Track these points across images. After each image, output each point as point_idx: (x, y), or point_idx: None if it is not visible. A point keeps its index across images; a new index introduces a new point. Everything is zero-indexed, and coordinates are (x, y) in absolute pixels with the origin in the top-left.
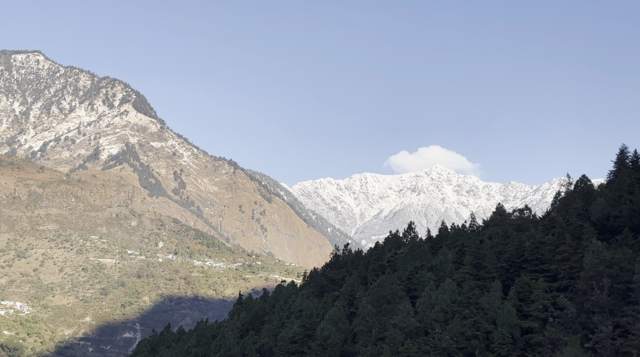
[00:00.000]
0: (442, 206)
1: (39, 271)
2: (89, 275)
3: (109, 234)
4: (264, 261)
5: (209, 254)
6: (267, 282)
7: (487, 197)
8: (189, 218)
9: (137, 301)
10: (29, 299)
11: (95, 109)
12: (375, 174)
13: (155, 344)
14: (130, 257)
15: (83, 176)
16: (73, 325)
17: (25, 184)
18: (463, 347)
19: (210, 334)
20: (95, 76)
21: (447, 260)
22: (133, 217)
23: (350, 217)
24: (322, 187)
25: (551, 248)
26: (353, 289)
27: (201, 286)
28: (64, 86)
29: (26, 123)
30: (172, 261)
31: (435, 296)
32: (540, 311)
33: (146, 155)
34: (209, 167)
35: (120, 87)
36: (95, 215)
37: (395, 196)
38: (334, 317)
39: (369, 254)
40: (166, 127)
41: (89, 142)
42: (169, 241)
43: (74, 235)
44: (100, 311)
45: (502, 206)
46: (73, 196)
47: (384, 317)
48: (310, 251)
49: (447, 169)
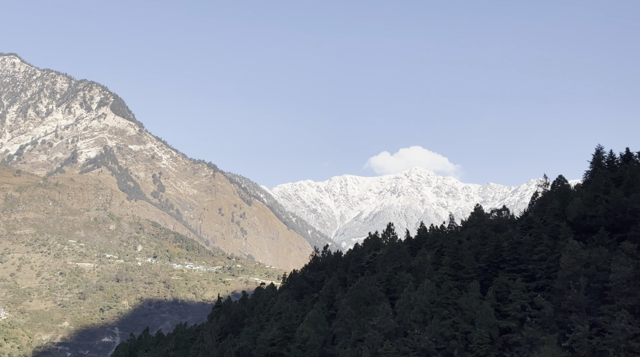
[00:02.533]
0: (422, 207)
1: (16, 275)
2: (67, 279)
3: (87, 238)
4: (244, 264)
5: (188, 258)
6: (247, 285)
7: (466, 199)
8: (168, 221)
9: (116, 305)
10: (5, 304)
11: (73, 112)
12: (355, 176)
13: (134, 348)
14: (109, 261)
15: (60, 180)
16: (51, 330)
17: (2, 188)
18: (442, 348)
19: (189, 338)
20: (72, 79)
21: (426, 261)
22: (111, 220)
23: (331, 219)
24: (302, 189)
25: (529, 248)
26: (332, 291)
27: (181, 289)
28: (40, 89)
29: (2, 126)
30: (151, 265)
31: (414, 296)
32: (518, 311)
33: (125, 159)
34: (188, 170)
35: (98, 90)
36: (73, 219)
37: (375, 197)
38: (313, 319)
39: (348, 256)
40: (145, 130)
41: (66, 146)
42: (148, 245)
43: (51, 239)
44: (79, 316)
45: (481, 207)
46: (50, 200)
47: (363, 319)
48: (290, 254)
49: (426, 171)
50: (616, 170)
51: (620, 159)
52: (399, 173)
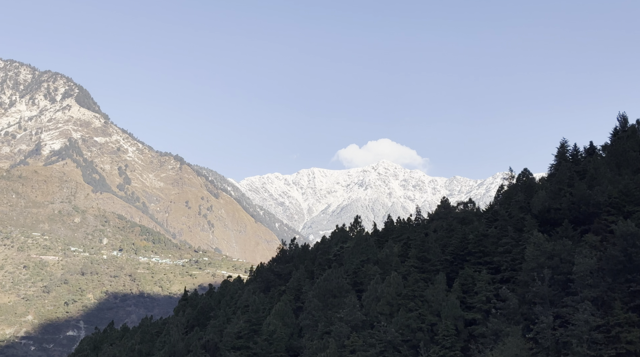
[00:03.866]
0: (389, 200)
1: None
2: (31, 272)
3: (52, 230)
4: (211, 257)
5: (154, 251)
6: (215, 278)
7: (433, 192)
8: (134, 214)
9: (81, 298)
10: None
11: (37, 104)
12: (323, 169)
13: (99, 341)
14: (74, 254)
15: (24, 172)
16: (14, 324)
17: None
18: (408, 340)
19: (155, 331)
20: (36, 70)
21: (392, 253)
22: (76, 213)
23: (298, 212)
24: (269, 182)
25: (494, 240)
26: (299, 284)
27: (147, 282)
28: (3, 80)
29: None
30: (117, 258)
31: (381, 289)
32: (483, 303)
33: (90, 151)
34: (155, 163)
35: (62, 81)
36: (37, 211)
37: (343, 190)
38: (280, 312)
39: (315, 249)
40: (110, 122)
41: (30, 138)
42: (114, 238)
43: (14, 232)
44: (43, 309)
45: (447, 200)
46: (14, 192)
47: (330, 311)
48: (257, 247)
49: (394, 164)
50: (580, 164)
51: (584, 153)
52: (367, 166)
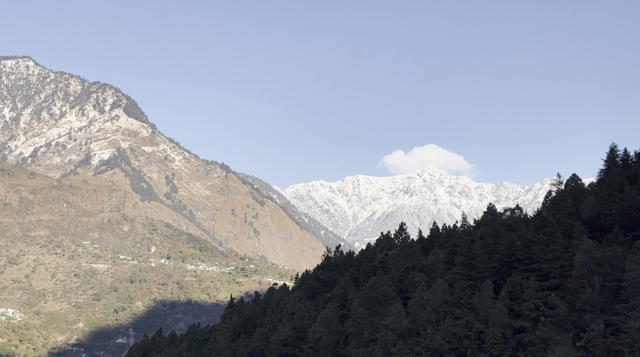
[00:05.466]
0: (435, 207)
1: (31, 277)
2: (82, 281)
3: (101, 239)
4: (257, 265)
5: (201, 258)
6: (261, 286)
7: (480, 198)
8: (182, 222)
9: (130, 306)
10: (21, 306)
11: (86, 114)
12: (367, 176)
13: (147, 349)
14: (123, 262)
15: (74, 182)
16: (66, 331)
17: (16, 190)
18: (455, 348)
19: (202, 338)
20: (85, 81)
21: (438, 260)
22: (125, 222)
23: (343, 219)
24: (314, 189)
25: (542, 247)
26: (345, 291)
27: (194, 290)
28: (54, 91)
29: (16, 129)
30: (164, 266)
31: (427, 296)
32: (531, 310)
33: (138, 160)
34: (201, 171)
35: (110, 91)
36: (87, 220)
37: (388, 197)
38: (325, 320)
39: (360, 256)
40: (157, 131)
41: (80, 148)
42: (162, 246)
43: (65, 241)
44: (93, 317)
45: (494, 206)
46: (64, 202)
47: (376, 319)
48: (303, 254)
49: (439, 171)
50: (630, 169)
51: (634, 157)
52: (412, 173)
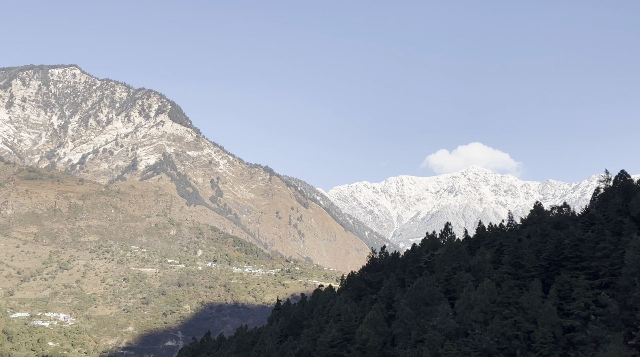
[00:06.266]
0: (480, 206)
1: (81, 282)
2: (130, 285)
3: (149, 243)
4: (302, 267)
5: (247, 261)
6: (306, 288)
7: (526, 196)
8: (227, 226)
9: (179, 309)
10: (72, 310)
11: (132, 121)
12: (411, 176)
13: (196, 351)
14: (170, 266)
15: (122, 187)
16: (116, 335)
17: (66, 197)
18: (504, 348)
19: (250, 340)
20: (130, 88)
21: (485, 260)
22: (172, 226)
23: (388, 220)
24: (358, 191)
25: (591, 245)
26: (391, 292)
27: (241, 292)
28: (100, 99)
29: (65, 136)
30: (211, 269)
31: (474, 296)
32: (581, 309)
33: (183, 165)
34: (245, 175)
35: (155, 97)
36: (135, 225)
37: (432, 197)
38: (372, 321)
39: (406, 256)
40: (202, 136)
41: (126, 153)
42: (208, 249)
43: (114, 245)
44: (143, 320)
45: (541, 204)
46: (112, 207)
47: (423, 319)
48: (348, 255)
49: (484, 169)
50: None
51: None
52: (456, 172)
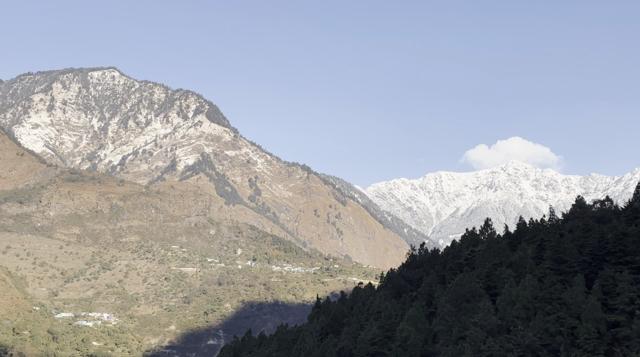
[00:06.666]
0: (520, 201)
1: (124, 282)
2: (172, 284)
3: (189, 243)
4: (341, 264)
5: (286, 259)
6: (346, 285)
7: (567, 191)
8: (266, 224)
9: (219, 308)
10: (115, 310)
11: (171, 121)
12: (449, 172)
13: (237, 350)
14: (211, 265)
15: (161, 187)
16: (159, 334)
17: (107, 198)
18: (547, 344)
19: (291, 338)
20: (169, 89)
21: (526, 256)
22: (211, 225)
23: (427, 216)
24: (396, 187)
25: (635, 239)
26: (431, 289)
27: (280, 291)
28: (139, 100)
29: (105, 138)
30: (251, 268)
31: (516, 292)
32: (626, 304)
33: (221, 164)
34: (283, 173)
35: (193, 98)
36: (175, 225)
37: (472, 193)
38: (413, 318)
39: (445, 253)
40: (239, 135)
41: (165, 154)
42: (247, 248)
43: (155, 245)
44: (184, 319)
45: (582, 199)
46: (153, 207)
47: (464, 316)
48: (387, 252)
49: (523, 164)
50: None
51: None
52: (495, 167)
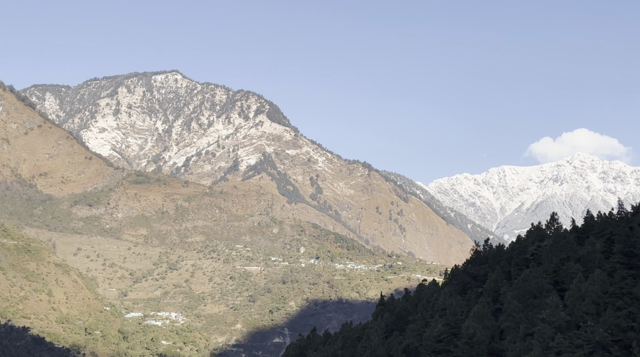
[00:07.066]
0: (588, 194)
1: (190, 281)
2: (237, 283)
3: (253, 242)
4: (404, 261)
5: (349, 257)
6: (410, 282)
7: (637, 183)
8: (328, 222)
9: (284, 306)
10: (182, 309)
11: (232, 122)
12: (513, 166)
13: (303, 347)
14: (274, 264)
15: (225, 188)
16: (225, 332)
17: (172, 199)
18: (618, 340)
19: (355, 336)
20: (230, 90)
21: (595, 250)
22: (274, 224)
23: (490, 212)
24: (458, 183)
25: None
26: (497, 285)
27: (344, 288)
28: (201, 102)
29: (169, 140)
30: (314, 266)
31: (585, 287)
32: None
33: (282, 164)
34: (344, 171)
35: (254, 99)
36: (239, 224)
37: (536, 187)
38: (478, 314)
39: (511, 248)
40: (300, 134)
41: (228, 155)
42: (310, 246)
43: (220, 245)
44: (250, 318)
45: None
46: (217, 208)
47: (531, 312)
48: (450, 249)
49: (590, 156)
50: None
51: None
52: (561, 160)
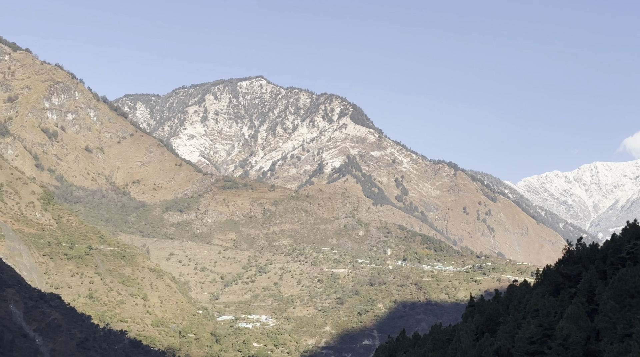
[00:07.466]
0: None
1: (279, 284)
2: (325, 285)
3: (339, 244)
4: (494, 262)
5: (437, 258)
6: (500, 283)
7: None
8: (414, 223)
9: (372, 308)
10: (272, 312)
11: (316, 126)
12: (606, 163)
13: (392, 349)
14: (361, 266)
15: (310, 191)
16: (315, 335)
17: (259, 203)
18: None
19: (445, 338)
20: (313, 94)
21: None
22: (360, 226)
23: (583, 210)
24: (548, 181)
25: None
26: (591, 285)
27: (433, 290)
28: (286, 107)
29: (255, 145)
30: (401, 267)
31: None
32: None
33: (367, 166)
34: (429, 172)
35: (337, 101)
36: (325, 227)
37: (632, 183)
38: (573, 315)
39: (605, 247)
40: (384, 136)
41: (312, 158)
42: (397, 248)
43: (307, 248)
44: (339, 320)
45: None
46: (303, 211)
47: (629, 312)
48: (542, 248)
49: None
50: None
51: None
52: None
